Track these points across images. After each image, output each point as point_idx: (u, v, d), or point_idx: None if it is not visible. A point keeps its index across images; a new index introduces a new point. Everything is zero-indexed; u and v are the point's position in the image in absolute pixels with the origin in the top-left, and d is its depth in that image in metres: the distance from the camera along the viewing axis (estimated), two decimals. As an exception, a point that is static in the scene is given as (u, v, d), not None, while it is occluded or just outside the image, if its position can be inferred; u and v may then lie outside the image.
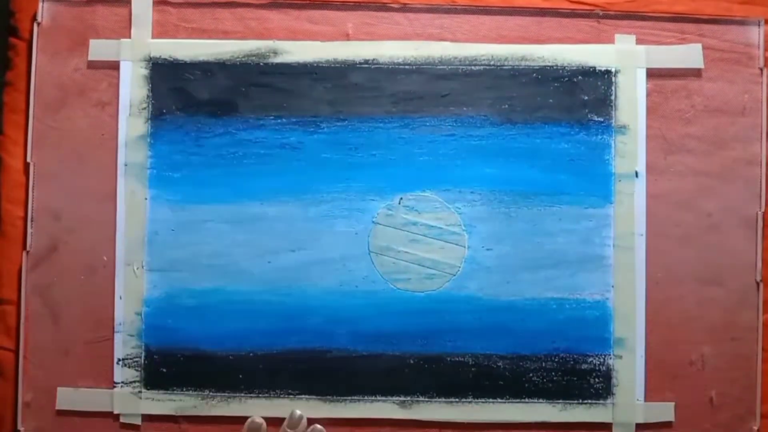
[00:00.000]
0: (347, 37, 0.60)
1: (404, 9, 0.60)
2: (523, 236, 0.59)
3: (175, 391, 0.59)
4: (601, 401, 0.58)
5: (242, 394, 0.58)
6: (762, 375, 0.59)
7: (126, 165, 0.59)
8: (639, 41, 0.60)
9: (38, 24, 0.60)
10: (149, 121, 0.59)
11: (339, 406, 0.58)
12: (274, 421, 0.58)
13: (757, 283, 0.59)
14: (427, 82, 0.59)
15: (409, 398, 0.58)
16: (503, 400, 0.58)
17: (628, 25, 0.60)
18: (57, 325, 0.59)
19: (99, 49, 0.60)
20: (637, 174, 0.59)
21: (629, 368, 0.58)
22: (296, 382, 0.59)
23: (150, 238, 0.59)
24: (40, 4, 0.60)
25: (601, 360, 0.59)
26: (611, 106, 0.59)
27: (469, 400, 0.58)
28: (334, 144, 0.59)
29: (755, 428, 0.59)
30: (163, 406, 0.59)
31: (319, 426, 0.56)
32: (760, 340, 0.59)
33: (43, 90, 0.60)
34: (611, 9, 0.60)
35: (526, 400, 0.58)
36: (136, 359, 0.59)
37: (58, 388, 0.59)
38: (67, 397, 0.59)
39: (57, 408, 0.59)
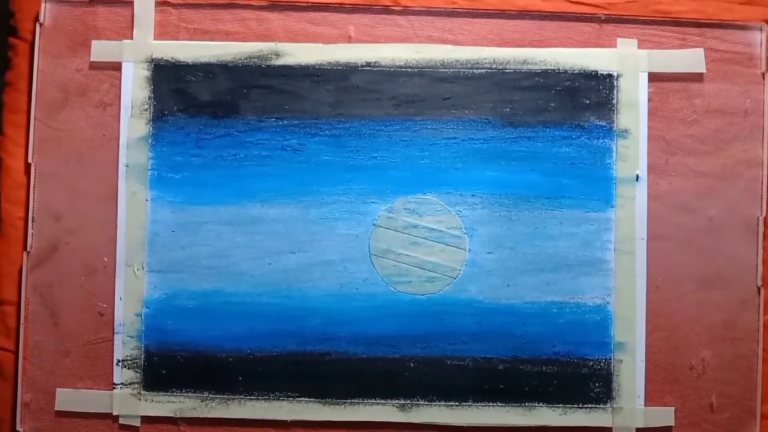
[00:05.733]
0: (349, 39, 0.60)
1: (406, 11, 0.60)
2: (524, 240, 0.59)
3: (174, 393, 0.59)
4: (602, 405, 0.58)
5: (241, 396, 0.58)
6: (762, 377, 0.59)
7: (127, 166, 0.59)
8: (641, 44, 0.60)
9: (40, 25, 0.60)
10: (150, 123, 0.59)
11: (338, 409, 0.58)
12: (274, 424, 0.58)
13: (758, 288, 0.59)
14: (428, 85, 0.59)
15: (409, 401, 0.58)
16: (503, 404, 0.58)
17: (630, 28, 0.60)
18: (57, 326, 0.59)
19: (101, 50, 0.60)
20: (638, 178, 0.59)
21: (629, 372, 0.58)
22: (296, 385, 0.58)
23: (150, 239, 0.59)
24: (42, 5, 0.60)
25: (602, 364, 0.58)
26: (613, 110, 0.59)
27: (469, 403, 0.58)
28: (335, 146, 0.59)
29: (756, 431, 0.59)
30: (163, 407, 0.58)
31: None
32: (761, 341, 0.59)
33: (44, 91, 0.60)
34: (612, 10, 0.60)
35: (526, 404, 0.58)
36: (136, 360, 0.59)
37: (58, 389, 0.59)
38: (67, 398, 0.59)
39: (56, 409, 0.59)
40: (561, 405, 0.58)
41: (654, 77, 0.60)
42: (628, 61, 0.59)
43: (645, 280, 0.59)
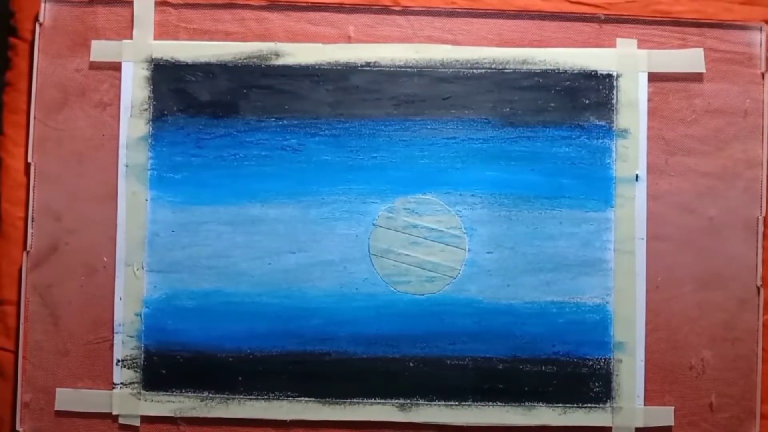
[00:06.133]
0: (349, 39, 0.60)
1: (405, 11, 0.60)
2: (524, 239, 0.59)
3: (174, 393, 0.59)
4: (601, 405, 0.58)
5: (241, 396, 0.58)
6: (762, 376, 0.59)
7: (127, 166, 0.59)
8: (640, 44, 0.60)
9: (40, 24, 0.60)
10: (150, 123, 0.59)
11: (338, 409, 0.58)
12: (273, 424, 0.58)
13: (758, 288, 0.59)
14: (428, 85, 0.59)
15: (408, 401, 0.58)
16: (503, 404, 0.58)
17: (630, 28, 0.60)
18: (57, 326, 0.59)
19: (101, 49, 0.60)
20: (637, 178, 0.59)
21: (629, 372, 0.58)
22: (295, 385, 0.58)
23: (150, 239, 0.59)
24: (42, 5, 0.60)
25: (601, 364, 0.58)
26: (612, 110, 0.59)
27: (469, 403, 0.58)
28: (335, 146, 0.59)
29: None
30: (162, 407, 0.58)
31: None
32: (760, 341, 0.59)
33: (44, 90, 0.60)
34: (612, 10, 0.60)
35: (526, 403, 0.58)
36: (136, 360, 0.59)
37: (57, 389, 0.59)
38: (66, 398, 0.59)
39: (56, 409, 0.59)
40: (561, 405, 0.58)
41: (654, 77, 0.60)
42: (627, 61, 0.60)
43: (645, 280, 0.59)
